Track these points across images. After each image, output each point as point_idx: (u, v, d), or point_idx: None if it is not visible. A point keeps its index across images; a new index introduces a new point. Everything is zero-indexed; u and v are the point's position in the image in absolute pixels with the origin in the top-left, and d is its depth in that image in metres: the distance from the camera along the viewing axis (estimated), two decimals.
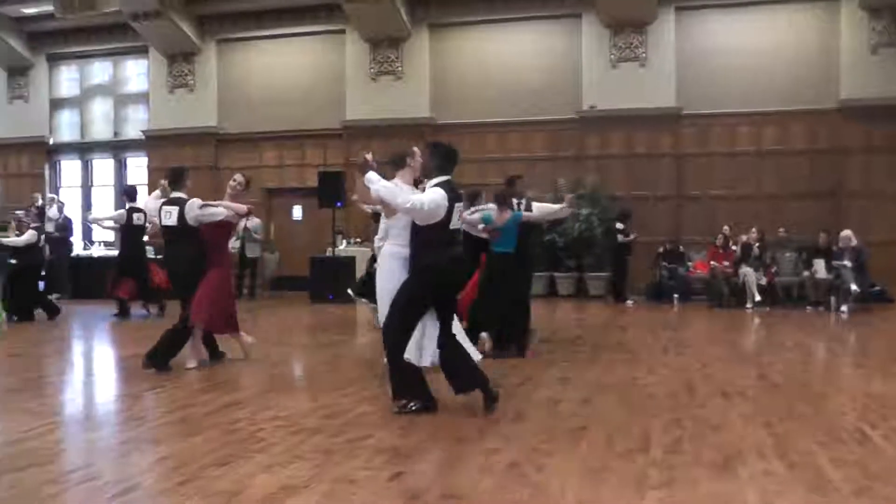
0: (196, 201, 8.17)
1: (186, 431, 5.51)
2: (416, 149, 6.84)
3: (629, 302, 15.81)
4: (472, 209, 9.11)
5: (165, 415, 6.11)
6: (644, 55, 17.39)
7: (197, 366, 8.22)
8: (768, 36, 16.90)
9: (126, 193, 13.76)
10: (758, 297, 14.93)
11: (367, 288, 10.21)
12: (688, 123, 17.24)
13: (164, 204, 8.42)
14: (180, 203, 8.25)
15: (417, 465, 4.67)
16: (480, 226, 8.77)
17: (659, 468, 4.55)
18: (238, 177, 8.68)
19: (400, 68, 18.78)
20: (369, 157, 6.27)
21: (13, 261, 13.31)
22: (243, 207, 8.53)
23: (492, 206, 9.12)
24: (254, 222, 17.64)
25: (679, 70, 17.20)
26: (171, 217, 8.26)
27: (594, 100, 17.47)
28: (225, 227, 8.47)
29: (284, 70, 19.60)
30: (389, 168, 6.61)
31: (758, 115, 16.85)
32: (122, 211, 13.38)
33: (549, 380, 7.48)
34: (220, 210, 8.23)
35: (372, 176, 6.09)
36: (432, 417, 5.90)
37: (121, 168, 21.20)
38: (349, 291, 12.30)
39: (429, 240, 6.10)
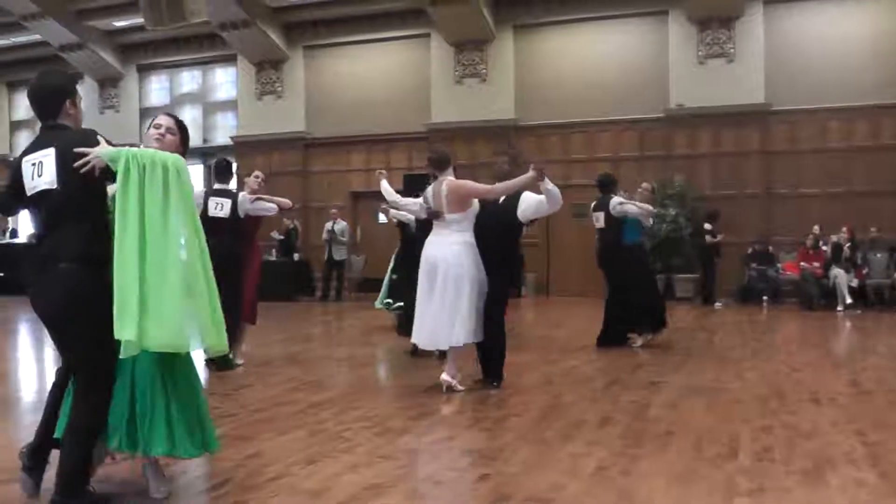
0: (247, 195, 8.31)
1: (275, 430, 5.61)
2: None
3: (717, 304, 15.55)
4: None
5: (254, 413, 6.23)
6: (732, 51, 17.07)
7: (244, 363, 8.51)
8: (858, 28, 16.41)
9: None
10: (849, 300, 14.51)
11: (394, 293, 10.86)
12: (776, 120, 16.84)
13: (212, 194, 8.42)
14: (232, 196, 8.35)
15: (503, 467, 4.67)
16: (651, 220, 10.23)
17: (748, 475, 4.47)
18: (258, 173, 8.77)
19: (484, 70, 18.80)
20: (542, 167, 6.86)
21: None
22: (287, 202, 8.78)
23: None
24: (340, 225, 17.91)
25: (768, 65, 16.82)
26: (222, 209, 8.26)
27: (681, 97, 17.21)
28: (259, 222, 8.73)
29: (370, 75, 19.81)
30: (433, 169, 7.22)
31: (848, 110, 16.35)
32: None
33: (636, 383, 7.40)
34: (271, 205, 8.39)
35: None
36: (518, 420, 5.90)
37: (209, 174, 21.67)
38: (377, 305, 11.76)
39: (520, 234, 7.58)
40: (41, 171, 3.83)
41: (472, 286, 6.86)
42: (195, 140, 21.66)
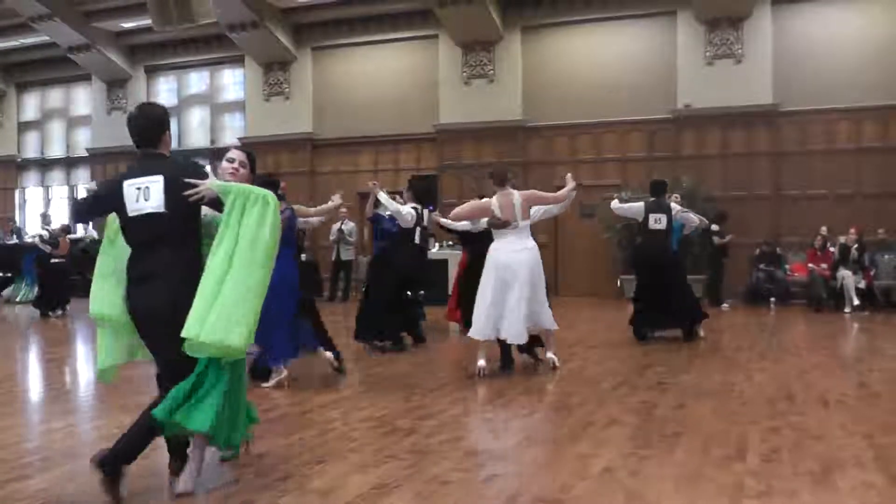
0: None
1: (284, 430, 5.63)
2: None
3: (725, 305, 15.51)
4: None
5: (263, 413, 6.22)
6: (740, 51, 17.01)
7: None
8: (868, 28, 16.30)
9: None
10: (856, 302, 14.45)
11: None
12: (785, 121, 16.76)
13: None
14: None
15: (511, 467, 4.68)
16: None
17: (756, 477, 4.47)
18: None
19: (492, 71, 18.79)
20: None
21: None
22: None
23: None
24: (348, 226, 17.90)
25: (776, 66, 16.74)
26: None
27: (689, 98, 17.17)
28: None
29: (378, 76, 19.80)
30: (495, 184, 8.03)
31: (857, 110, 16.25)
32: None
33: (644, 384, 7.40)
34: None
35: None
36: (526, 420, 5.91)
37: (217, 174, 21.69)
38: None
39: None
40: (147, 196, 4.25)
41: (543, 281, 8.07)
42: (202, 141, 21.80)
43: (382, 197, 8.87)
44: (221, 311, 4.08)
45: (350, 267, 18.09)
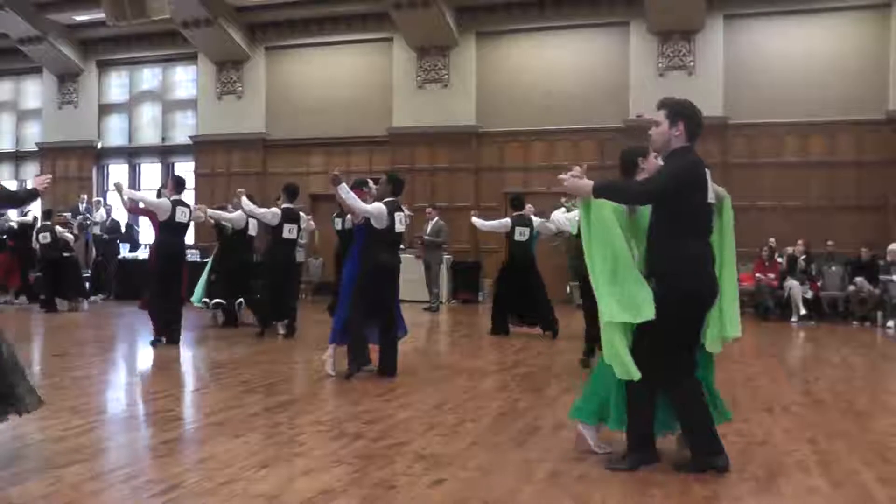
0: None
1: (228, 433, 5.54)
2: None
3: None
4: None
5: (208, 416, 6.15)
6: (692, 63, 17.21)
7: None
8: (817, 45, 16.60)
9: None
10: (803, 311, 14.68)
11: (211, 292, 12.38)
12: (735, 133, 16.98)
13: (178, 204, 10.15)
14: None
15: (458, 472, 4.65)
16: None
17: (702, 482, 4.49)
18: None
19: (447, 76, 18.79)
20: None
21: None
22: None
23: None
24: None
25: (727, 79, 16.97)
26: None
27: (641, 108, 17.28)
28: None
29: (332, 77, 19.69)
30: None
31: (805, 125, 16.53)
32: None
33: None
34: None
35: None
36: (473, 425, 5.89)
37: (168, 172, 21.42)
38: (195, 303, 12.51)
39: None
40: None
41: None
42: (153, 138, 21.50)
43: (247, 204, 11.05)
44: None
45: (300, 269, 17.93)
